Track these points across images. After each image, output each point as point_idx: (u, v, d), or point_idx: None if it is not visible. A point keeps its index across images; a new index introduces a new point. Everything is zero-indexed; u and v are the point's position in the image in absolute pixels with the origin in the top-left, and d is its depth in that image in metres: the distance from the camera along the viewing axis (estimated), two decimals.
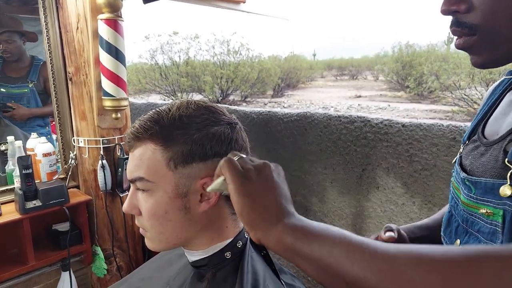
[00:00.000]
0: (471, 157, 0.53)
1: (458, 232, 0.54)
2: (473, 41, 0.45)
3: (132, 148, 0.57)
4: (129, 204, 0.58)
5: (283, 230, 0.40)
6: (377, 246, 0.35)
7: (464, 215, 0.52)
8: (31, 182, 1.35)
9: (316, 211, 1.74)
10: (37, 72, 1.81)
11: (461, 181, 0.53)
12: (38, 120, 1.86)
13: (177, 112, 0.56)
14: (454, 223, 0.56)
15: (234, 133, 0.58)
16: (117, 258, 1.58)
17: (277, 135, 1.84)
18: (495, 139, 0.49)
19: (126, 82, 1.45)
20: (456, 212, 0.55)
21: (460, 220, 0.53)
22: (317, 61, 27.87)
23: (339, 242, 0.37)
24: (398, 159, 1.43)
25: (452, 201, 0.58)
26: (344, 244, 0.37)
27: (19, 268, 1.37)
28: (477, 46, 0.46)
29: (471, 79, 9.10)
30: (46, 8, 1.48)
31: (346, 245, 0.37)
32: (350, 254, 0.35)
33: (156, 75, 11.39)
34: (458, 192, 0.54)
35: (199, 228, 0.58)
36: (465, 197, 0.51)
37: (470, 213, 0.50)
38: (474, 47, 0.46)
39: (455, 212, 0.56)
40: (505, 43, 0.44)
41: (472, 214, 0.49)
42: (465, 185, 0.51)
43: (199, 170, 0.55)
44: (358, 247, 0.36)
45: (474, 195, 0.49)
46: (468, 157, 0.54)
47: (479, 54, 0.46)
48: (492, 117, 0.54)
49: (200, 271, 0.61)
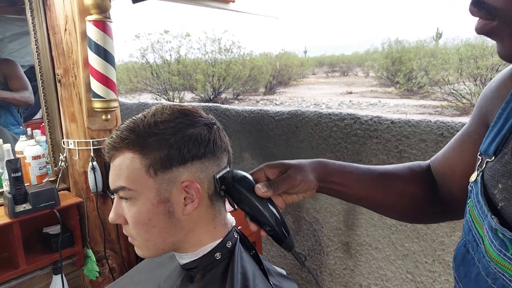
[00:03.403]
0: (502, 187, 0.38)
1: (479, 282, 0.41)
2: (492, 27, 0.38)
3: (112, 158, 0.57)
4: (115, 214, 0.59)
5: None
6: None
7: (490, 269, 0.39)
8: (21, 186, 1.34)
9: (308, 208, 1.76)
10: None
11: (489, 227, 0.39)
12: (9, 118, 1.84)
13: (152, 119, 0.56)
14: (473, 267, 0.42)
15: (212, 133, 0.58)
16: (110, 260, 1.57)
17: (269, 133, 1.85)
18: None
19: (116, 83, 1.44)
20: (475, 254, 0.42)
21: (482, 271, 0.40)
22: (308, 58, 27.92)
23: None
24: (388, 155, 1.45)
25: (469, 235, 0.44)
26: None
27: (10, 272, 1.36)
28: (497, 33, 0.38)
29: (459, 74, 9.23)
30: (34, 10, 1.46)
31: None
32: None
33: (147, 74, 11.31)
34: (481, 231, 0.41)
35: (186, 231, 0.58)
36: (495, 251, 0.38)
37: (502, 273, 0.37)
38: (494, 34, 0.39)
39: (473, 253, 0.42)
40: None
41: (505, 275, 0.36)
42: (495, 236, 0.38)
43: (179, 174, 0.55)
44: None
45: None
46: (497, 186, 0.39)
47: (502, 43, 0.39)
48: None
49: (191, 273, 0.61)
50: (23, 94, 1.84)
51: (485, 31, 0.39)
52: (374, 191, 0.62)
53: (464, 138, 0.56)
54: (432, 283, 1.40)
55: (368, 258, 1.59)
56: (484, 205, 0.40)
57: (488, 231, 0.39)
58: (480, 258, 0.41)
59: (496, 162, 0.41)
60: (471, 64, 8.86)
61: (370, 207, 0.66)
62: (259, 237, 1.70)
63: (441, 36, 15.98)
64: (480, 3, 0.38)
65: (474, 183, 0.44)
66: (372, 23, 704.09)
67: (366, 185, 0.62)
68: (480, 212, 0.41)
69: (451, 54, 9.85)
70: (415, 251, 1.42)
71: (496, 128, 0.44)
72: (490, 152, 0.42)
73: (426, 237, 1.38)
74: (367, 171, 0.63)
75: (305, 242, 1.81)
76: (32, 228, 1.52)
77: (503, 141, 0.42)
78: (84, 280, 1.62)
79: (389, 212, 0.66)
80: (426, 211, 0.61)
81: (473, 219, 0.43)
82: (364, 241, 1.58)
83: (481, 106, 0.52)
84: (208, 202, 0.59)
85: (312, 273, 0.61)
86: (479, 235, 0.41)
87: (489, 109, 0.49)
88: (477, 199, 0.42)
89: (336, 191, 0.62)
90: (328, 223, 1.70)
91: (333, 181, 0.61)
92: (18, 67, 1.87)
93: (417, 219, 0.69)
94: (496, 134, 0.43)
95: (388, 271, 1.53)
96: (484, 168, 0.43)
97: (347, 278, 1.68)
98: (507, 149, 0.40)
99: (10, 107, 1.89)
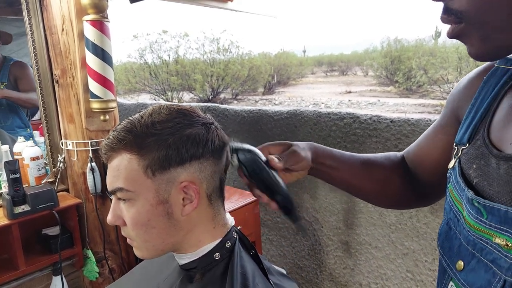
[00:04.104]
0: (476, 167, 0.45)
1: (461, 252, 0.46)
2: (461, 29, 0.42)
3: (109, 160, 0.57)
4: (113, 216, 0.58)
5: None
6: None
7: (469, 237, 0.45)
8: (19, 187, 1.33)
9: (308, 208, 1.76)
10: (7, 72, 1.78)
11: (466, 199, 0.45)
12: (17, 121, 1.84)
13: (149, 119, 0.55)
14: (455, 240, 0.48)
15: (210, 133, 0.57)
16: (109, 261, 1.57)
17: (268, 133, 1.84)
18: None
19: (114, 84, 1.44)
20: (457, 229, 0.48)
21: (463, 240, 0.46)
22: (307, 57, 27.94)
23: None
24: None
25: (450, 213, 0.50)
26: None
27: (10, 273, 1.35)
28: (466, 35, 0.42)
29: (458, 73, 9.24)
30: (30, 10, 1.45)
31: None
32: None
33: (146, 74, 11.31)
34: (461, 208, 0.47)
35: (185, 232, 0.58)
36: (472, 219, 0.44)
37: (480, 237, 0.43)
38: (463, 36, 0.42)
39: (455, 228, 0.49)
40: (496, 34, 0.40)
41: (482, 239, 0.42)
42: (472, 206, 0.44)
43: (177, 174, 0.55)
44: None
45: (487, 221, 0.41)
46: (472, 166, 0.46)
47: (471, 43, 0.42)
48: (496, 120, 0.47)
49: (190, 273, 0.61)
50: (29, 95, 1.83)
51: (455, 34, 0.43)
52: (359, 176, 0.67)
53: (436, 130, 0.62)
54: (432, 281, 1.40)
55: (368, 257, 1.58)
56: (462, 183, 0.47)
57: (466, 204, 0.45)
58: (461, 231, 0.47)
59: (470, 148, 0.48)
60: (470, 62, 8.88)
61: (354, 192, 0.70)
62: (258, 236, 1.70)
63: (440, 35, 16.01)
64: (448, 10, 0.42)
65: (452, 169, 0.51)
66: (371, 22, 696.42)
67: (351, 170, 0.67)
68: (459, 190, 0.47)
69: (450, 52, 9.87)
70: (415, 249, 1.42)
71: (468, 120, 0.51)
72: (465, 141, 0.49)
73: (425, 235, 1.38)
74: (351, 157, 0.68)
75: (305, 241, 1.81)
76: (31, 230, 1.52)
77: (474, 130, 0.49)
78: (84, 281, 1.62)
79: (370, 197, 0.72)
80: (404, 197, 0.68)
81: (453, 199, 0.49)
82: (363, 240, 1.58)
83: (452, 103, 0.59)
84: (207, 202, 0.59)
85: (307, 234, 0.66)
86: (459, 211, 0.47)
87: (459, 105, 0.56)
88: (455, 180, 0.49)
89: (325, 173, 0.67)
90: (328, 222, 1.70)
91: (323, 163, 0.66)
92: (29, 69, 1.88)
93: (396, 204, 0.75)
94: (468, 125, 0.50)
95: (388, 270, 1.53)
96: (460, 155, 0.49)
97: (347, 277, 1.68)
98: (479, 135, 0.47)
99: (19, 110, 1.90)
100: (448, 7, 0.42)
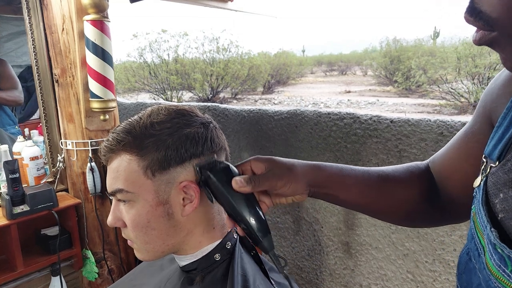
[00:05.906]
0: (503, 197, 0.35)
1: None
2: (493, 38, 0.33)
3: (109, 161, 0.57)
4: (113, 217, 0.58)
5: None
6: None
7: (490, 283, 0.36)
8: (18, 187, 1.33)
9: (308, 208, 1.75)
10: None
11: (488, 239, 0.36)
12: (5, 118, 1.83)
13: (148, 120, 0.55)
14: (474, 276, 0.40)
15: (208, 132, 0.57)
16: (108, 262, 1.56)
17: (268, 133, 1.84)
18: None
19: (114, 83, 1.43)
20: (477, 264, 0.39)
21: (483, 282, 0.38)
22: (306, 57, 27.93)
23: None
24: (388, 154, 1.45)
25: (472, 242, 0.41)
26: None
27: (8, 274, 1.35)
28: (500, 45, 0.33)
29: (457, 73, 9.25)
30: (30, 9, 1.44)
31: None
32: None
33: (145, 73, 11.29)
34: (483, 242, 0.38)
35: (185, 233, 0.58)
36: (494, 266, 0.35)
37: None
38: (496, 45, 0.34)
39: (475, 262, 0.40)
40: None
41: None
42: (495, 250, 0.35)
43: (177, 174, 0.55)
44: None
45: (511, 274, 0.33)
46: (499, 195, 0.35)
47: (504, 54, 0.34)
48: None
49: (191, 275, 0.60)
50: (11, 93, 1.83)
51: (484, 42, 0.34)
52: (372, 197, 0.58)
53: (468, 138, 0.51)
54: (433, 282, 1.40)
55: (368, 258, 1.58)
56: (485, 215, 0.37)
57: (488, 243, 0.36)
58: (481, 269, 0.38)
59: (499, 169, 0.37)
60: (469, 62, 8.89)
61: (368, 212, 0.62)
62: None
63: (439, 35, 16.03)
64: (476, 13, 0.33)
65: (478, 188, 0.41)
66: (370, 22, 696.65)
67: (364, 191, 0.57)
68: (481, 221, 0.38)
69: (449, 52, 9.87)
70: (416, 250, 1.42)
71: (501, 130, 0.40)
72: (494, 157, 0.39)
73: (426, 236, 1.38)
74: (365, 174, 0.58)
75: (305, 242, 1.80)
76: (30, 230, 1.51)
77: (507, 146, 0.37)
78: (83, 282, 1.61)
79: (387, 218, 0.62)
80: (425, 216, 0.58)
81: (476, 227, 0.40)
82: (364, 240, 1.58)
83: (486, 103, 0.48)
84: (207, 202, 0.59)
85: (289, 280, 0.53)
86: (481, 244, 0.38)
87: (494, 107, 0.46)
88: (478, 207, 0.39)
89: (333, 196, 0.58)
90: (328, 223, 1.69)
91: (329, 186, 0.57)
92: (8, 67, 1.87)
93: (416, 223, 0.66)
94: (501, 137, 0.39)
95: (389, 271, 1.53)
96: (488, 173, 0.38)
97: (347, 278, 1.68)
98: (511, 155, 0.36)
99: (4, 107, 1.88)
100: (475, 7, 0.33)
